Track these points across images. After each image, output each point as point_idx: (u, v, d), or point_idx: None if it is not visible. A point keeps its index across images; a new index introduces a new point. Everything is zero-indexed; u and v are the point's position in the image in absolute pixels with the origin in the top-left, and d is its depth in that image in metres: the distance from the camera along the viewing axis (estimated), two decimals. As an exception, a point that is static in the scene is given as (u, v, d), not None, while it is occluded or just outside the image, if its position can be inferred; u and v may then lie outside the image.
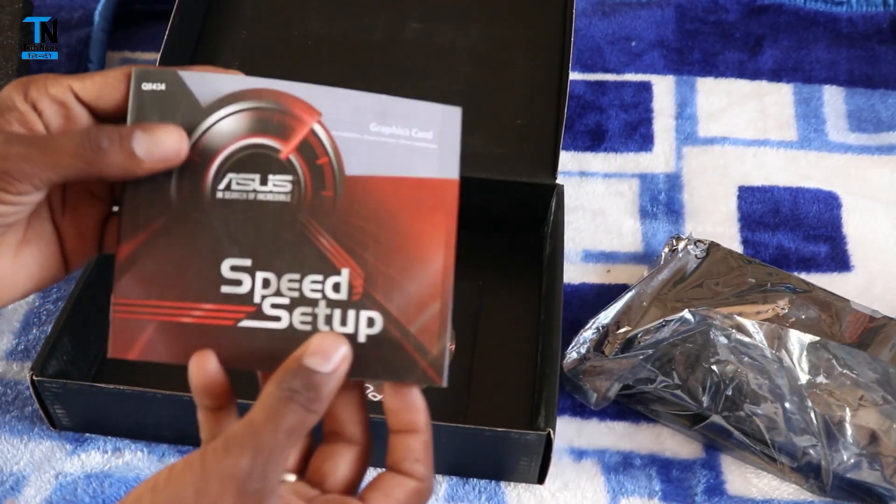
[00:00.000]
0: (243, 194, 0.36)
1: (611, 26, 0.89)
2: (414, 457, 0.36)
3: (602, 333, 0.61)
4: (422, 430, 0.36)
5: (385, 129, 0.37)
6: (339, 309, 0.36)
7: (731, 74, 0.85)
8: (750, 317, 0.58)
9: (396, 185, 0.36)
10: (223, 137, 0.36)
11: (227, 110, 0.36)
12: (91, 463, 0.60)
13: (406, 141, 0.37)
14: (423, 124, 0.37)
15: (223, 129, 0.36)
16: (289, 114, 0.36)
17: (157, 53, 0.67)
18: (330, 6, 0.77)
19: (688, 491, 0.59)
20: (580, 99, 0.83)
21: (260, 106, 0.36)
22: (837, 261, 0.72)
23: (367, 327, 0.36)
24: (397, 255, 0.36)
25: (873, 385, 0.56)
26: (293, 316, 0.36)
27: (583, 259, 0.72)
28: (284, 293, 0.36)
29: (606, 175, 0.78)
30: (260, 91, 0.36)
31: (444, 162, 0.37)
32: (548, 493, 0.59)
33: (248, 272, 0.36)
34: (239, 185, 0.36)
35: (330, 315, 0.35)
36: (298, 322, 0.36)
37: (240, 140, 0.36)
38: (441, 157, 0.37)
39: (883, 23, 0.88)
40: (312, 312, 0.36)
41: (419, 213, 0.36)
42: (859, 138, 0.80)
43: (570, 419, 0.63)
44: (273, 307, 0.36)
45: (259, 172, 0.36)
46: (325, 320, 0.35)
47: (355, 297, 0.36)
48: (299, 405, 0.33)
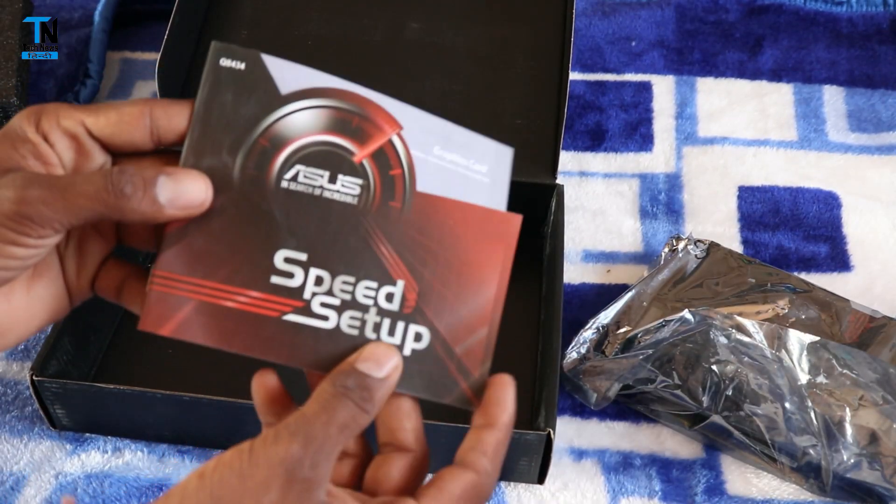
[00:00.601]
0: (309, 188, 0.36)
1: (611, 26, 0.89)
2: (482, 448, 0.35)
3: (602, 333, 0.61)
4: (499, 427, 0.36)
5: (447, 155, 0.37)
6: (389, 319, 0.36)
7: (731, 74, 0.85)
8: (750, 317, 0.58)
9: (463, 210, 0.37)
10: (298, 129, 0.36)
11: (307, 103, 0.36)
12: (91, 463, 0.60)
13: (464, 170, 0.37)
14: (480, 157, 0.38)
15: (299, 120, 0.36)
16: (369, 120, 0.36)
17: (157, 53, 0.67)
18: (330, 6, 0.77)
19: (688, 491, 0.59)
20: (580, 99, 0.83)
21: (341, 107, 0.36)
22: (837, 261, 0.72)
23: (413, 341, 0.36)
24: (454, 277, 0.36)
25: (873, 385, 0.56)
26: (342, 318, 0.36)
27: (583, 259, 0.72)
28: (336, 294, 0.36)
29: (606, 175, 0.78)
30: (344, 92, 0.36)
31: (494, 196, 0.38)
32: (548, 493, 0.59)
33: (302, 267, 0.36)
34: (306, 179, 0.36)
35: (379, 323, 0.36)
36: (346, 325, 0.36)
37: (315, 135, 0.36)
38: (492, 191, 0.38)
39: (883, 23, 0.88)
40: (362, 318, 0.36)
41: (481, 240, 0.37)
42: (859, 138, 0.80)
43: (570, 419, 0.63)
44: (322, 306, 0.36)
45: (329, 170, 0.36)
46: (373, 328, 0.36)
47: (407, 309, 0.36)
48: (353, 402, 0.33)
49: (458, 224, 0.37)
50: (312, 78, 0.36)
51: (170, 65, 0.70)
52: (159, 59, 0.67)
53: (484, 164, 0.38)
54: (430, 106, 0.72)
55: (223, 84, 0.36)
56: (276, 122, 0.36)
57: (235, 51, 0.36)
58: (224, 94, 0.36)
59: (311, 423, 0.33)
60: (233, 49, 0.36)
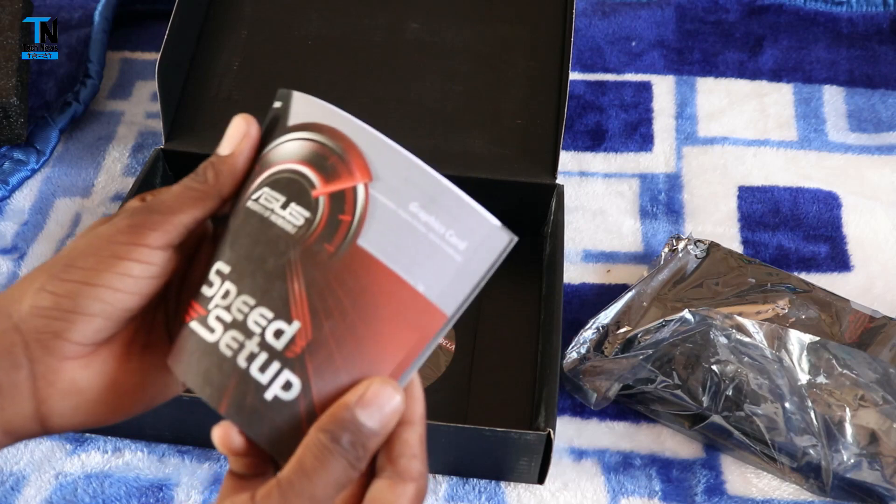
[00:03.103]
0: (264, 210, 0.35)
1: (611, 26, 0.89)
2: (410, 452, 0.33)
3: (602, 333, 0.61)
4: (417, 421, 0.34)
5: (423, 216, 0.33)
6: (267, 354, 0.33)
7: (731, 74, 0.85)
8: (750, 317, 0.58)
9: (393, 282, 0.33)
10: (282, 156, 0.36)
11: (300, 135, 0.36)
12: (91, 463, 0.60)
13: (436, 238, 0.33)
14: (464, 231, 0.33)
15: (286, 148, 0.36)
16: (344, 162, 0.35)
17: (157, 53, 0.67)
18: (330, 6, 0.77)
19: (688, 491, 0.59)
20: (580, 99, 0.83)
21: (326, 143, 0.35)
22: (837, 261, 0.72)
23: (281, 388, 0.33)
24: (352, 343, 0.33)
25: (873, 385, 0.56)
26: (224, 335, 0.34)
27: (583, 259, 0.72)
28: (232, 311, 0.34)
29: (606, 175, 0.78)
30: (334, 131, 0.35)
31: (454, 286, 0.34)
32: (548, 493, 0.59)
33: (221, 278, 0.35)
34: (265, 201, 0.35)
35: (255, 354, 0.33)
36: (224, 343, 0.34)
37: (291, 163, 0.36)
38: (456, 277, 0.33)
39: (883, 23, 0.88)
40: (242, 342, 0.33)
41: (396, 320, 0.33)
42: (859, 138, 0.80)
43: (570, 419, 0.63)
44: (216, 319, 0.34)
45: (286, 196, 0.35)
46: (247, 356, 0.33)
47: (289, 353, 0.33)
48: (346, 461, 0.31)
49: (381, 293, 0.33)
50: (319, 113, 0.36)
51: (170, 65, 0.70)
52: (159, 59, 0.67)
53: (465, 241, 0.33)
54: (430, 106, 0.73)
55: (269, 122, 0.37)
56: (272, 149, 0.36)
57: (281, 93, 0.37)
58: (264, 132, 0.38)
59: (312, 483, 0.31)
60: (281, 92, 0.37)
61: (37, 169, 0.79)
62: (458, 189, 0.34)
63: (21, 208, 0.77)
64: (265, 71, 0.75)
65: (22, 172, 0.78)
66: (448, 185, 0.34)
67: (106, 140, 0.82)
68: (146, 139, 0.82)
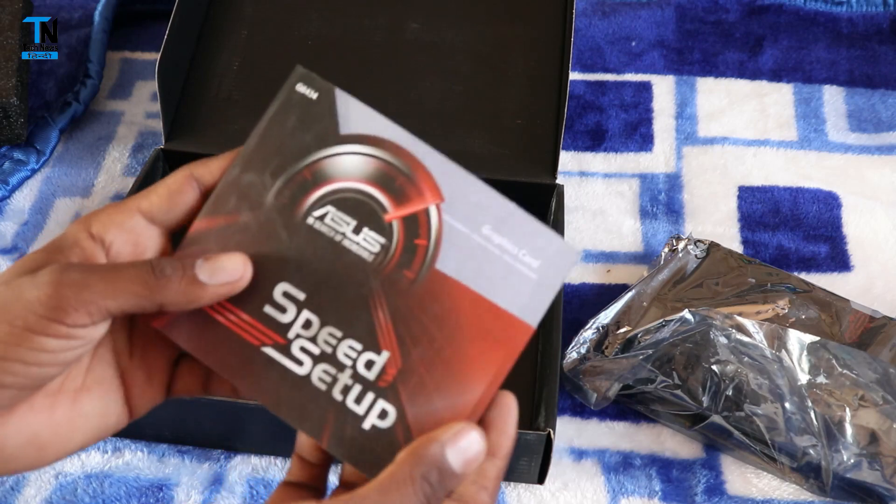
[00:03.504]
0: (332, 232, 0.35)
1: (611, 26, 0.89)
2: (483, 483, 0.33)
3: (602, 333, 0.61)
4: (502, 457, 0.34)
5: (496, 238, 0.35)
6: (361, 386, 0.34)
7: (731, 74, 0.85)
8: (750, 317, 0.58)
9: (476, 302, 0.34)
10: (342, 171, 0.36)
11: (360, 149, 0.36)
12: (91, 463, 0.60)
13: (510, 259, 0.35)
14: (535, 250, 0.35)
15: (346, 163, 0.36)
16: (413, 183, 0.35)
17: (157, 53, 0.67)
18: (330, 6, 0.77)
19: (688, 491, 0.59)
20: (580, 99, 0.83)
21: (391, 161, 0.36)
22: (837, 261, 0.72)
23: (377, 417, 0.34)
24: (441, 366, 0.34)
25: (873, 385, 0.56)
26: (315, 368, 0.35)
27: (583, 259, 0.72)
28: (319, 343, 0.35)
29: (606, 175, 0.78)
30: (399, 149, 0.36)
31: (533, 301, 0.35)
32: (548, 493, 0.59)
33: (297, 305, 0.35)
34: (332, 222, 0.35)
35: (349, 387, 0.34)
36: (317, 377, 0.35)
37: (356, 182, 0.36)
38: (534, 293, 0.35)
39: (883, 23, 0.88)
40: (335, 375, 0.34)
41: (483, 339, 0.34)
42: (859, 138, 0.80)
43: (570, 419, 0.63)
44: (301, 350, 0.35)
45: (357, 220, 0.35)
46: (342, 389, 0.34)
47: (382, 383, 0.34)
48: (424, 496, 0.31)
49: (465, 315, 0.34)
50: (376, 125, 0.36)
51: (170, 65, 0.70)
52: (159, 59, 0.67)
53: (537, 259, 0.35)
54: (430, 106, 0.73)
55: (292, 108, 0.36)
56: (324, 158, 0.36)
57: (313, 80, 0.37)
58: (289, 117, 0.36)
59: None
60: (312, 77, 0.37)
61: (37, 169, 0.79)
62: (524, 210, 0.35)
63: (21, 208, 0.77)
64: (265, 71, 0.75)
65: (22, 172, 0.78)
66: (515, 208, 0.35)
67: (106, 140, 0.82)
68: (146, 139, 0.82)
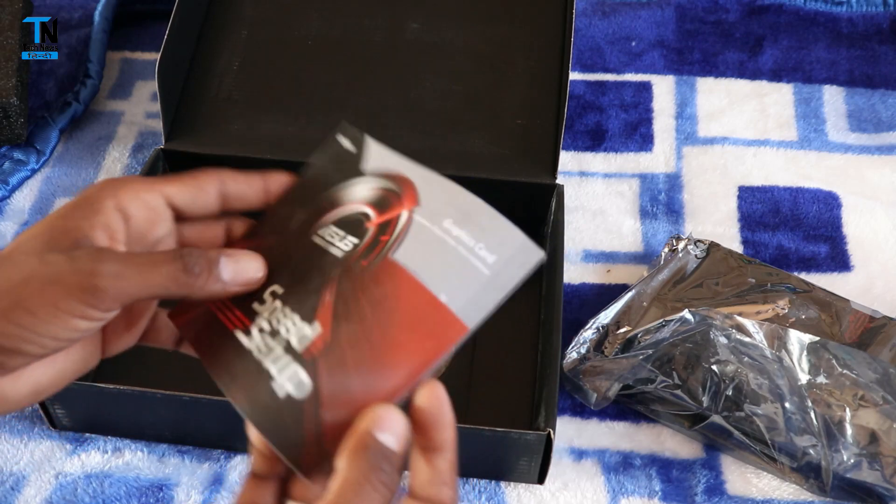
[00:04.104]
0: (325, 243, 0.37)
1: (611, 26, 0.89)
2: (441, 479, 0.33)
3: (602, 333, 0.61)
4: (449, 448, 0.33)
5: (455, 230, 0.34)
6: (289, 356, 0.34)
7: (731, 74, 0.85)
8: (750, 317, 0.58)
9: (417, 291, 0.34)
10: (350, 197, 0.38)
11: (371, 180, 0.38)
12: (91, 463, 0.60)
13: (465, 251, 0.34)
14: (494, 246, 0.34)
15: (356, 191, 0.38)
16: (399, 197, 0.37)
17: (157, 53, 0.67)
18: (330, 6, 0.77)
19: (688, 491, 0.59)
20: (580, 99, 0.83)
21: (389, 187, 0.38)
22: (837, 261, 0.72)
23: (293, 386, 0.33)
24: (366, 346, 0.33)
25: (873, 385, 0.56)
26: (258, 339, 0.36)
27: (583, 259, 0.72)
28: (272, 321, 0.36)
29: (606, 175, 0.78)
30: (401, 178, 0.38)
31: (479, 299, 0.34)
32: (548, 493, 0.59)
33: (273, 297, 0.37)
34: (329, 237, 0.37)
35: (279, 357, 0.35)
36: (255, 347, 0.35)
37: (357, 204, 0.38)
38: (482, 290, 0.33)
39: (883, 23, 0.88)
40: (272, 346, 0.35)
41: (414, 328, 0.33)
42: (859, 138, 0.80)
43: (570, 419, 0.63)
44: (258, 328, 0.36)
45: (347, 232, 0.37)
46: (273, 359, 0.35)
47: (306, 355, 0.34)
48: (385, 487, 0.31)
49: (403, 301, 0.33)
50: (390, 161, 0.38)
51: (170, 65, 0.70)
52: (159, 59, 0.67)
53: (494, 254, 0.34)
54: (430, 106, 0.73)
55: (330, 154, 0.39)
56: (342, 189, 0.39)
57: (352, 133, 0.40)
58: (327, 162, 0.39)
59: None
60: (350, 130, 0.40)
61: (37, 169, 0.79)
62: (493, 208, 0.34)
63: (21, 208, 0.77)
64: (265, 71, 0.75)
65: (22, 172, 0.78)
66: (483, 204, 0.35)
67: (106, 140, 0.82)
68: (146, 139, 0.82)
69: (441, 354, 0.33)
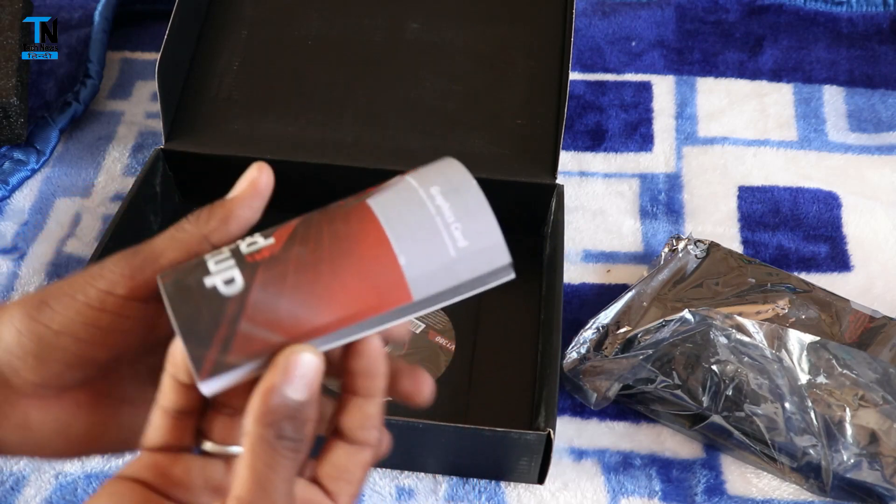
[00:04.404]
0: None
1: (611, 26, 0.89)
2: (370, 423, 0.33)
3: (602, 333, 0.61)
4: (378, 394, 0.33)
5: (439, 199, 0.33)
6: (231, 255, 0.33)
7: (731, 74, 0.85)
8: (750, 317, 0.58)
9: (380, 242, 0.33)
10: None
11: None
12: (91, 463, 0.60)
13: (441, 224, 0.33)
14: (470, 231, 0.33)
15: None
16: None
17: (157, 53, 0.67)
18: (330, 6, 0.77)
19: (688, 491, 0.59)
20: (580, 99, 0.83)
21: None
22: (837, 261, 0.72)
23: (223, 281, 0.32)
24: (310, 273, 0.32)
25: (873, 385, 0.56)
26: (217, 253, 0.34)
27: (583, 259, 0.72)
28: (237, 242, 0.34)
29: (606, 175, 0.78)
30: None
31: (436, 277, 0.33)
32: (548, 493, 0.59)
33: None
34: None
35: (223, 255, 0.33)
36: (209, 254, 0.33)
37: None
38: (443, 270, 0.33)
39: (883, 23, 0.88)
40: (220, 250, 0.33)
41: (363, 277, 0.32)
42: (859, 138, 0.80)
43: (570, 419, 0.63)
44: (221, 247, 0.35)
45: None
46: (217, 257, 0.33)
47: (249, 258, 0.32)
48: (293, 451, 0.31)
49: (363, 246, 0.33)
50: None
51: (170, 65, 0.70)
52: (159, 59, 0.67)
53: (467, 240, 0.33)
54: (430, 106, 0.73)
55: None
56: None
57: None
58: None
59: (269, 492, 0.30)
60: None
61: (37, 169, 0.79)
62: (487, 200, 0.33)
63: (21, 208, 0.77)
64: (265, 71, 0.75)
65: (22, 172, 0.78)
66: (479, 192, 0.33)
67: (106, 140, 0.82)
68: (146, 139, 0.82)
69: (376, 313, 0.32)
